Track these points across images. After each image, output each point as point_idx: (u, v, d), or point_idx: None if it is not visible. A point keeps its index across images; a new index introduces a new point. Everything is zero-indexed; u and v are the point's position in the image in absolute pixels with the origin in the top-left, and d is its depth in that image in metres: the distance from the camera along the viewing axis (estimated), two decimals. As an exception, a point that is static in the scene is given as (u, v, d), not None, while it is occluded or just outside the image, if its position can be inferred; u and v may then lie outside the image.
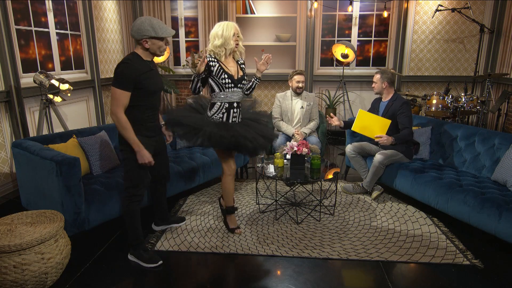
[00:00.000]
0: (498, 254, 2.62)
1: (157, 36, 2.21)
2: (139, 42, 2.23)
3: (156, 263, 2.45)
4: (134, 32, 2.21)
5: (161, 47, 2.28)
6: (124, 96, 2.19)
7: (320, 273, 2.39)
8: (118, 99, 2.18)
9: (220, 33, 2.59)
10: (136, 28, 2.20)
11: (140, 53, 2.27)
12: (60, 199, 2.45)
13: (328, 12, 5.96)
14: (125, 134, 2.23)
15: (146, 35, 2.19)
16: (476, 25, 5.40)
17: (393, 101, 3.47)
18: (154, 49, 2.27)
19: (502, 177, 2.90)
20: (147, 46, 2.23)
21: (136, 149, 2.26)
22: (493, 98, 5.10)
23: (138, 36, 2.20)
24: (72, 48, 4.51)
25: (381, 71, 3.52)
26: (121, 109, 2.19)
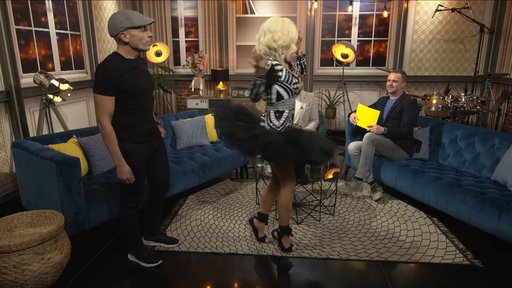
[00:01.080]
0: (498, 254, 2.62)
1: (133, 26, 2.01)
2: (118, 38, 2.04)
3: (156, 262, 2.45)
4: (110, 28, 2.03)
5: (142, 38, 2.06)
6: (107, 101, 2.02)
7: (320, 273, 2.39)
8: (102, 106, 2.02)
9: (287, 32, 2.30)
10: (111, 24, 2.02)
11: (121, 52, 2.09)
12: (60, 199, 2.45)
13: (328, 12, 5.96)
14: (107, 145, 2.08)
15: (121, 27, 2.00)
16: (476, 25, 5.40)
17: (402, 99, 3.53)
18: (135, 42, 2.06)
19: (502, 177, 2.90)
20: (126, 40, 2.03)
21: (117, 163, 2.11)
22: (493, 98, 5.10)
23: (114, 31, 2.02)
24: (72, 48, 4.51)
25: (401, 71, 3.56)
26: (105, 116, 2.04)
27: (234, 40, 6.00)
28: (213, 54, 6.05)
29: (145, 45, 2.11)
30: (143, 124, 2.22)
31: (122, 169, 2.12)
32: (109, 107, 2.05)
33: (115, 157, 2.10)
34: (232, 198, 3.56)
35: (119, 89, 2.04)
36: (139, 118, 2.19)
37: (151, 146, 2.32)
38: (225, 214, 3.20)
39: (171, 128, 3.97)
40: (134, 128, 2.17)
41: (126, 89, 2.07)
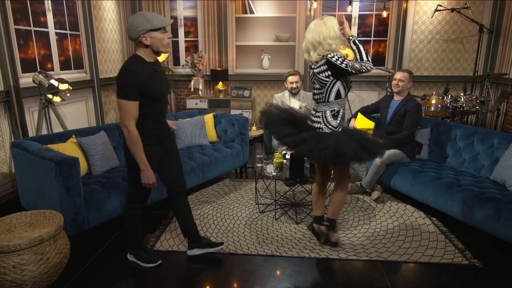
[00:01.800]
0: (497, 254, 2.62)
1: (154, 28, 1.97)
2: (138, 41, 2.00)
3: (155, 262, 2.45)
4: (130, 31, 1.99)
5: (163, 40, 2.02)
6: (133, 106, 2.00)
7: (319, 273, 2.39)
8: (127, 111, 1.99)
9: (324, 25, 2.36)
10: (131, 27, 1.98)
11: (142, 55, 2.04)
12: (59, 199, 2.45)
13: (328, 12, 5.96)
14: (134, 150, 2.07)
15: (142, 30, 1.96)
16: (476, 25, 5.41)
17: (406, 101, 3.48)
18: (156, 44, 2.02)
19: (501, 176, 2.90)
20: (147, 43, 1.99)
21: (143, 167, 2.10)
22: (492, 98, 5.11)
23: (135, 34, 1.97)
24: (72, 48, 4.51)
25: (408, 71, 3.54)
26: (132, 121, 2.01)
27: (233, 40, 6.00)
28: (212, 54, 6.05)
29: (166, 47, 2.08)
30: (157, 127, 2.21)
31: (148, 174, 2.12)
32: (135, 112, 2.03)
33: (141, 162, 2.09)
34: (231, 198, 3.56)
35: (143, 93, 2.02)
36: (155, 121, 2.18)
37: (163, 148, 2.29)
38: (225, 214, 3.20)
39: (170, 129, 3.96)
40: (149, 131, 2.15)
41: (150, 94, 2.04)
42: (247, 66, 6.31)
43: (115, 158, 3.28)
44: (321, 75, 2.40)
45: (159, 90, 2.11)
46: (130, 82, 1.97)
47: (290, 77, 3.96)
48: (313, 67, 2.45)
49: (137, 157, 2.09)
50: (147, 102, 2.07)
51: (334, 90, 2.40)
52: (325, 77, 2.39)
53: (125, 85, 1.98)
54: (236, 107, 5.84)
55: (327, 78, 2.39)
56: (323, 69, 2.38)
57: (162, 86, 2.15)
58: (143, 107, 2.07)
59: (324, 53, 2.36)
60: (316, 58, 2.40)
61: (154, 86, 2.06)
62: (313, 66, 2.45)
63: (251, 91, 5.96)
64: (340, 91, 2.41)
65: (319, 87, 2.45)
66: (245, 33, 6.16)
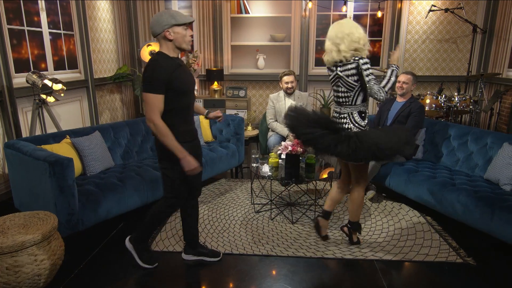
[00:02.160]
0: (491, 252, 2.65)
1: (178, 23, 2.03)
2: (162, 36, 2.05)
3: (152, 265, 2.43)
4: (154, 26, 2.04)
5: (185, 36, 2.08)
6: (158, 100, 2.01)
7: (315, 273, 2.40)
8: (152, 105, 2.00)
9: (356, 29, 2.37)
10: (155, 22, 2.03)
11: (165, 51, 2.09)
12: (54, 200, 2.44)
13: (323, 12, 5.97)
14: (166, 142, 2.04)
15: (166, 24, 2.01)
16: (469, 25, 5.45)
17: (410, 103, 3.48)
18: (179, 40, 2.07)
19: (495, 175, 2.93)
20: (171, 37, 2.04)
21: (180, 156, 2.05)
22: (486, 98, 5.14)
23: (159, 28, 2.02)
24: (66, 48, 4.48)
25: (411, 73, 3.57)
26: (157, 115, 2.02)
27: (228, 40, 6.00)
28: (207, 54, 6.04)
29: (187, 44, 2.12)
30: (187, 124, 2.21)
31: (188, 160, 2.08)
32: (160, 106, 2.03)
33: (177, 151, 2.06)
34: (227, 198, 3.55)
35: (169, 87, 2.03)
36: (184, 118, 2.18)
37: (194, 147, 2.26)
38: (220, 214, 3.20)
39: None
40: (179, 128, 2.14)
41: (176, 87, 2.06)
42: (242, 66, 6.31)
43: (110, 158, 3.27)
44: (350, 78, 2.39)
45: (185, 82, 2.13)
46: (156, 75, 2.00)
47: (285, 77, 3.96)
48: (338, 70, 2.43)
49: (172, 147, 2.05)
50: (174, 96, 2.07)
51: (362, 94, 2.43)
52: (354, 81, 2.39)
53: (151, 79, 2.00)
54: (232, 107, 5.84)
55: (356, 82, 2.39)
56: (353, 73, 2.37)
57: (188, 80, 2.17)
58: (171, 102, 2.07)
59: (350, 53, 2.35)
60: (340, 58, 2.38)
61: (180, 79, 2.08)
62: (339, 69, 2.43)
63: (247, 91, 5.96)
64: (366, 94, 2.44)
65: (346, 90, 2.43)
66: (240, 33, 6.16)
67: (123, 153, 3.50)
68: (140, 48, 5.73)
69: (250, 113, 5.71)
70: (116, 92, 5.70)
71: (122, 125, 3.64)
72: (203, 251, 2.54)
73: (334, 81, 2.51)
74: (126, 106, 6.01)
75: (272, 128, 4.09)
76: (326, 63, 2.51)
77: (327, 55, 2.47)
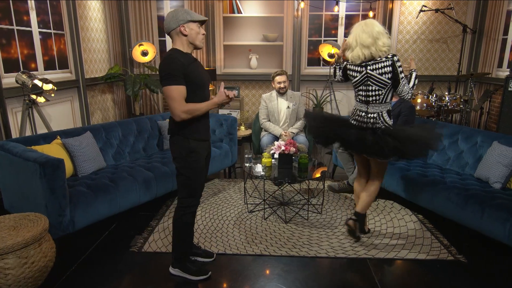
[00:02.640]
0: (481, 249, 2.68)
1: (193, 20, 2.07)
2: (177, 31, 2.07)
3: (205, 275, 2.32)
4: (170, 21, 2.06)
5: (199, 33, 2.11)
6: (181, 90, 2.02)
7: (309, 272, 2.41)
8: (178, 96, 2.00)
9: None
10: (171, 17, 2.07)
11: (179, 46, 2.11)
12: (44, 202, 2.41)
13: (315, 12, 6.00)
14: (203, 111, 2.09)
15: (182, 20, 2.05)
16: (459, 25, 5.51)
17: (401, 103, 3.50)
18: (193, 36, 2.09)
19: (485, 174, 2.96)
20: (186, 33, 2.06)
21: (215, 105, 2.13)
22: (476, 97, 5.21)
23: (175, 23, 2.05)
24: (56, 48, 4.43)
25: None
26: (183, 103, 2.02)
27: (221, 40, 5.99)
28: (200, 54, 6.02)
29: (201, 41, 2.15)
30: (203, 122, 2.20)
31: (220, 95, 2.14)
32: (183, 95, 2.03)
33: (211, 104, 2.11)
34: (220, 198, 3.55)
35: (186, 80, 2.04)
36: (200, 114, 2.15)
37: (207, 147, 2.28)
38: (213, 214, 3.19)
39: (158, 128, 3.94)
40: (196, 125, 2.14)
41: (192, 80, 2.06)
42: (235, 66, 6.30)
43: (102, 159, 3.24)
44: (384, 76, 2.42)
45: (201, 75, 2.14)
46: (174, 67, 2.00)
47: (277, 77, 3.97)
48: (368, 68, 2.45)
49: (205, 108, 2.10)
50: (192, 90, 2.08)
51: (391, 91, 2.50)
52: (387, 79, 2.43)
53: (169, 71, 2.00)
54: (224, 107, 5.83)
55: (389, 80, 2.43)
56: (387, 70, 2.41)
57: (204, 73, 2.19)
58: (189, 96, 2.08)
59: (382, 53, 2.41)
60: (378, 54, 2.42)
61: (196, 72, 2.10)
62: (369, 68, 2.45)
63: (239, 90, 5.96)
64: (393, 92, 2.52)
65: (378, 88, 2.46)
66: (233, 32, 6.15)
67: (115, 153, 3.48)
68: (132, 48, 5.69)
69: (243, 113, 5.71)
70: (107, 92, 5.66)
71: (114, 125, 3.61)
72: (196, 251, 2.53)
73: (362, 80, 2.51)
74: (118, 106, 5.96)
75: (265, 128, 4.10)
76: (353, 60, 2.51)
77: (355, 52, 2.47)
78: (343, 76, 2.71)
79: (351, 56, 2.51)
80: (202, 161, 2.21)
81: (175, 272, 2.34)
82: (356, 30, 2.48)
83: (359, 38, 2.44)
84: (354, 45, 2.48)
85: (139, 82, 5.29)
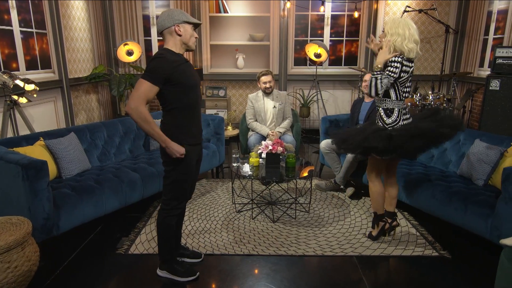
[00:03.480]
0: (464, 245, 2.74)
1: (188, 21, 2.06)
2: (170, 30, 2.04)
3: (194, 275, 2.32)
4: (165, 20, 2.03)
5: (192, 35, 2.10)
6: (152, 90, 1.97)
7: (297, 270, 2.42)
8: (144, 91, 1.94)
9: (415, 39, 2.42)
10: (167, 16, 2.04)
11: (171, 47, 2.08)
12: (27, 205, 2.35)
13: (301, 12, 6.03)
14: (147, 128, 1.97)
15: (178, 20, 2.03)
16: (442, 26, 5.62)
17: None
18: (187, 37, 2.07)
19: (468, 171, 3.03)
20: (180, 33, 2.04)
21: (163, 145, 2.02)
22: (458, 96, 5.32)
23: (170, 22, 2.02)
24: (38, 47, 4.34)
25: None
26: (143, 102, 1.95)
27: (207, 40, 5.96)
28: (186, 54, 5.98)
29: (193, 44, 2.14)
30: (195, 124, 2.18)
31: (171, 147, 2.03)
32: (150, 96, 1.98)
33: (160, 139, 2.01)
34: (208, 198, 3.53)
35: (173, 81, 2.00)
36: (193, 117, 2.15)
37: (199, 150, 2.26)
38: (201, 215, 3.18)
39: (144, 129, 3.89)
40: (189, 128, 2.12)
41: (182, 81, 2.04)
42: (221, 66, 6.29)
43: (86, 160, 3.19)
44: None
45: (191, 77, 2.11)
46: (159, 66, 1.97)
47: (263, 77, 3.98)
48: (411, 66, 2.47)
49: (153, 135, 2.00)
50: (181, 91, 2.05)
51: None
52: None
53: (153, 69, 1.97)
54: (211, 107, 5.81)
55: None
56: None
57: (194, 74, 2.15)
58: (178, 97, 2.05)
59: None
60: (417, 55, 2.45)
61: (185, 73, 2.07)
62: (411, 65, 2.46)
63: (226, 90, 5.94)
64: None
65: (410, 84, 2.52)
66: (219, 32, 6.13)
67: (100, 154, 3.43)
68: (117, 48, 5.62)
69: (230, 113, 5.70)
70: (92, 93, 5.57)
71: (98, 126, 3.55)
72: (184, 252, 2.51)
73: (410, 76, 2.50)
74: (102, 106, 5.88)
75: (252, 128, 4.10)
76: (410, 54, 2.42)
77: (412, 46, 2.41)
78: None
79: (408, 49, 2.39)
80: (193, 165, 2.20)
81: (162, 274, 2.33)
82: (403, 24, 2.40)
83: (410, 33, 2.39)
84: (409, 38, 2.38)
85: (125, 82, 5.22)
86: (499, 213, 2.37)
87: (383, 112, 2.49)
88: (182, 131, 2.09)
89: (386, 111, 2.48)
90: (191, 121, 2.14)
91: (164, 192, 2.20)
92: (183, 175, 2.15)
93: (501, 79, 3.95)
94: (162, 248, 2.29)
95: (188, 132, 2.12)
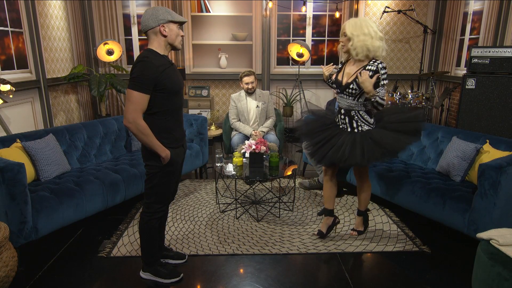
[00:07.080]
0: (443, 240, 2.82)
1: (174, 20, 1.99)
2: (155, 31, 1.97)
3: (178, 277, 2.29)
4: (149, 20, 1.95)
5: (178, 35, 2.03)
6: (144, 99, 1.91)
7: (281, 269, 2.43)
8: (136, 103, 1.89)
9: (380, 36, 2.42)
10: (151, 15, 1.95)
11: (156, 48, 2.01)
12: (4, 209, 2.28)
13: (283, 12, 6.06)
14: (147, 141, 1.95)
15: (163, 19, 1.95)
16: (420, 26, 5.75)
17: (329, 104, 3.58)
18: (173, 37, 2.01)
19: (446, 168, 3.11)
20: (165, 33, 1.97)
21: (163, 154, 2.00)
22: (437, 95, 5.46)
23: (155, 22, 1.95)
24: (14, 46, 4.21)
25: None
26: (139, 114, 1.92)
27: (189, 39, 5.92)
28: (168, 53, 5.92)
29: (179, 44, 2.07)
30: (178, 127, 2.15)
31: (167, 156, 2.02)
32: (144, 105, 1.94)
33: (159, 149, 1.99)
34: (191, 199, 3.51)
35: (158, 87, 1.94)
36: (175, 120, 2.11)
37: (183, 153, 2.23)
38: (185, 216, 3.16)
39: (125, 130, 3.83)
40: (172, 132, 2.08)
41: (167, 86, 1.97)
42: (204, 65, 6.25)
43: (66, 162, 3.12)
44: None
45: (176, 81, 2.05)
46: (146, 73, 1.90)
47: (245, 77, 3.98)
48: None
49: (154, 146, 1.97)
50: (164, 96, 1.99)
51: None
52: None
53: (140, 77, 1.90)
54: (194, 107, 5.77)
55: None
56: None
57: (178, 79, 2.09)
58: (162, 102, 2.00)
59: None
60: None
61: (170, 78, 2.00)
62: None
63: (209, 90, 5.92)
64: None
65: None
66: (202, 32, 6.09)
67: (80, 156, 3.36)
68: (97, 47, 5.51)
69: (214, 113, 5.67)
70: (71, 93, 5.44)
71: (78, 127, 3.48)
72: (168, 253, 2.49)
73: None
74: (82, 107, 5.75)
75: (235, 128, 4.09)
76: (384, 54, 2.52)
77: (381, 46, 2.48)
78: None
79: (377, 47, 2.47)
80: (177, 169, 2.19)
81: (146, 276, 2.30)
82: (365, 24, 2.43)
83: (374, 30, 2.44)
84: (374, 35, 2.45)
85: (105, 82, 5.12)
86: (476, 208, 2.45)
87: (366, 114, 2.53)
88: (166, 135, 2.05)
89: (367, 112, 2.54)
90: (174, 124, 2.11)
91: (146, 196, 2.16)
92: (166, 179, 2.12)
93: (477, 78, 4.07)
94: (145, 250, 2.26)
95: (172, 136, 2.09)
